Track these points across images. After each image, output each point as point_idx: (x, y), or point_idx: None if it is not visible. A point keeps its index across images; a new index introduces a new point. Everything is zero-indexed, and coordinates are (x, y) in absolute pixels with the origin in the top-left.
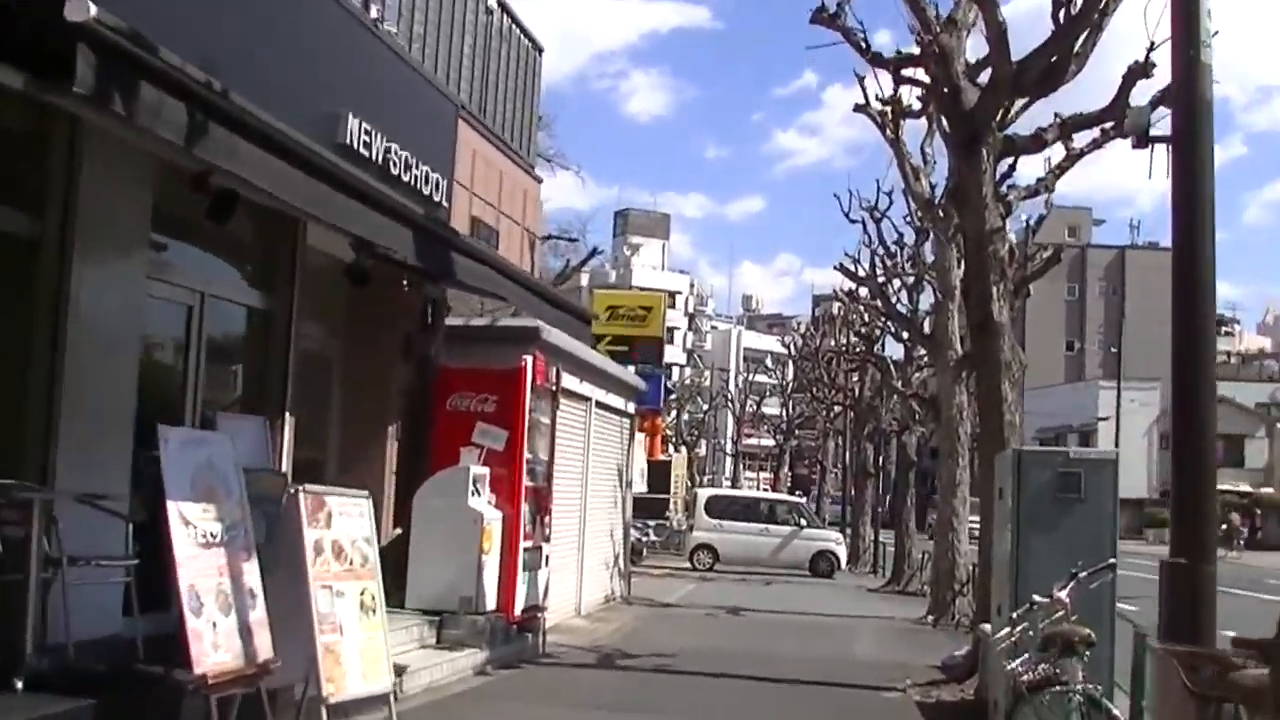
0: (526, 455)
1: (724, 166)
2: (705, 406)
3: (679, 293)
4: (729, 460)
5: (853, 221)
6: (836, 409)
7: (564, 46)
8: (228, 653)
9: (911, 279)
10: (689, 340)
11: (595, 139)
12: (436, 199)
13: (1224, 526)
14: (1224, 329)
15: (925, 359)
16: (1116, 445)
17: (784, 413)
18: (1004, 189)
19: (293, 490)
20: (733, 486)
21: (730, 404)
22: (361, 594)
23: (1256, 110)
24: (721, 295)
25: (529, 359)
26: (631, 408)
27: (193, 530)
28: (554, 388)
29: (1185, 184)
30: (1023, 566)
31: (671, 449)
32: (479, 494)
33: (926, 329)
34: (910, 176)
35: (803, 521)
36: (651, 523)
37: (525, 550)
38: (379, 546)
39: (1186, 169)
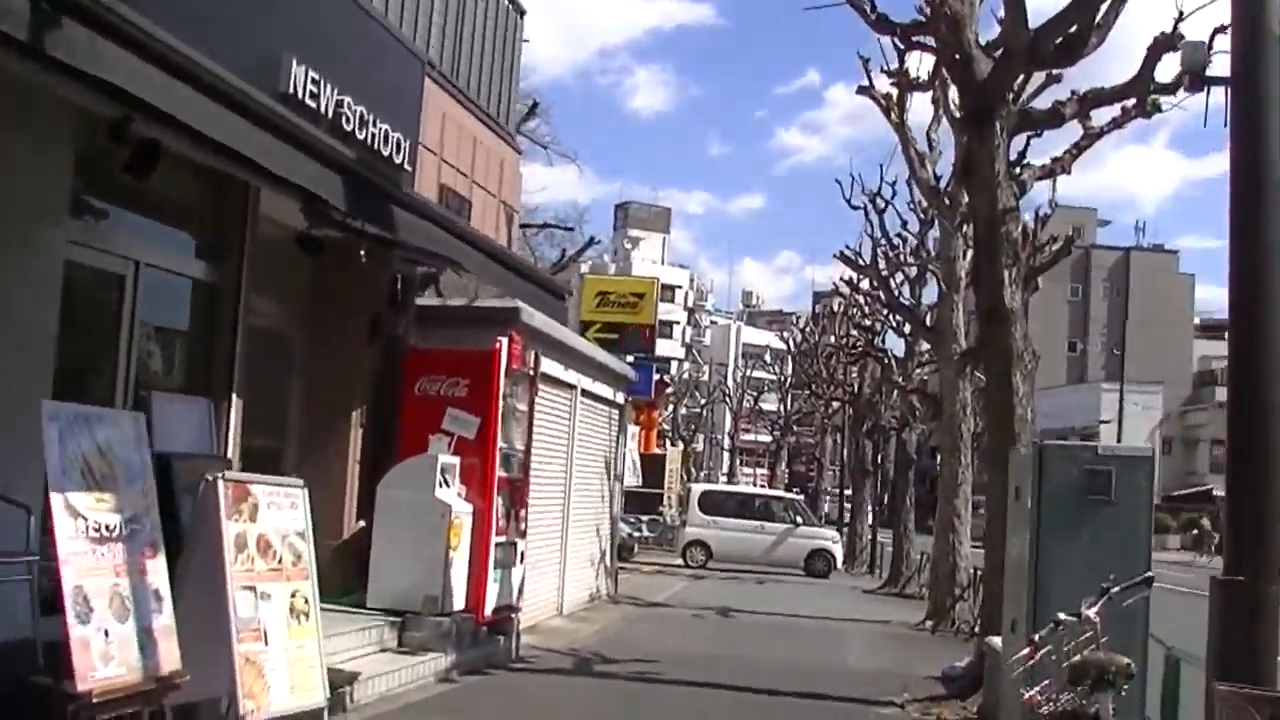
0: (500, 444)
1: (726, 163)
2: (703, 401)
3: (679, 287)
4: (726, 456)
5: (854, 208)
6: (835, 405)
7: (568, 41)
8: (122, 665)
9: (914, 271)
10: (688, 335)
11: (598, 134)
12: (398, 160)
13: (1194, 531)
14: (1224, 334)
15: (927, 355)
16: None
17: (782, 408)
18: (1017, 169)
19: (210, 477)
20: (729, 482)
21: (727, 399)
22: (292, 596)
23: None
24: (722, 292)
25: (504, 341)
26: (621, 398)
27: (82, 523)
28: (532, 372)
29: (1245, 134)
30: (1042, 577)
31: (668, 444)
32: (447, 485)
33: (929, 322)
34: (915, 162)
35: (798, 519)
36: (644, 518)
37: (498, 546)
38: (341, 540)
39: (1247, 115)
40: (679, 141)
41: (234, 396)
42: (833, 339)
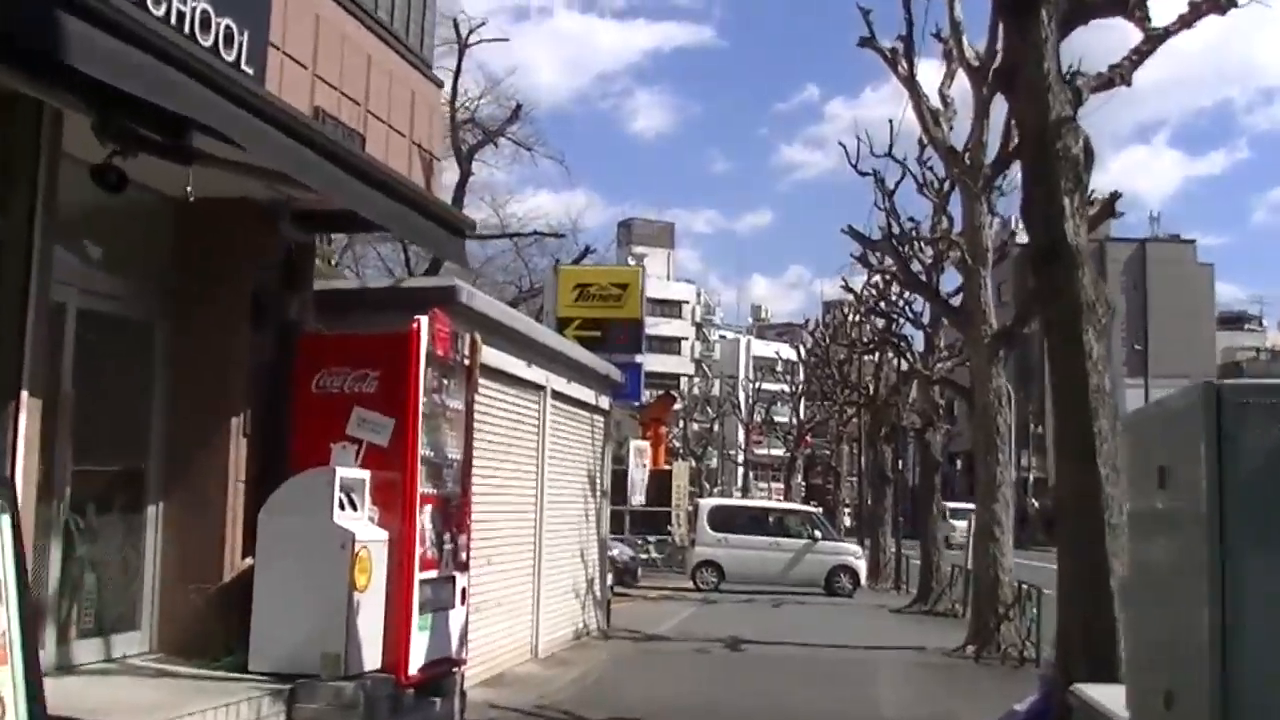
0: (425, 452)
1: (731, 181)
2: (713, 415)
3: (685, 302)
4: (740, 471)
5: (862, 174)
6: (850, 410)
7: (567, 69)
8: None
9: (930, 256)
10: (697, 350)
11: (602, 159)
12: (229, 57)
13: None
14: (1247, 325)
15: (946, 353)
16: None
17: (794, 417)
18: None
19: None
20: (744, 496)
21: (737, 411)
22: None
23: (1259, 112)
24: (732, 309)
25: (422, 320)
26: (606, 402)
27: None
28: (468, 361)
29: None
30: (1236, 623)
31: (678, 460)
32: (353, 506)
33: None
34: (928, 120)
35: (817, 534)
36: (652, 538)
37: (425, 584)
38: (220, 585)
39: None
40: (682, 162)
41: (24, 395)
42: (845, 341)
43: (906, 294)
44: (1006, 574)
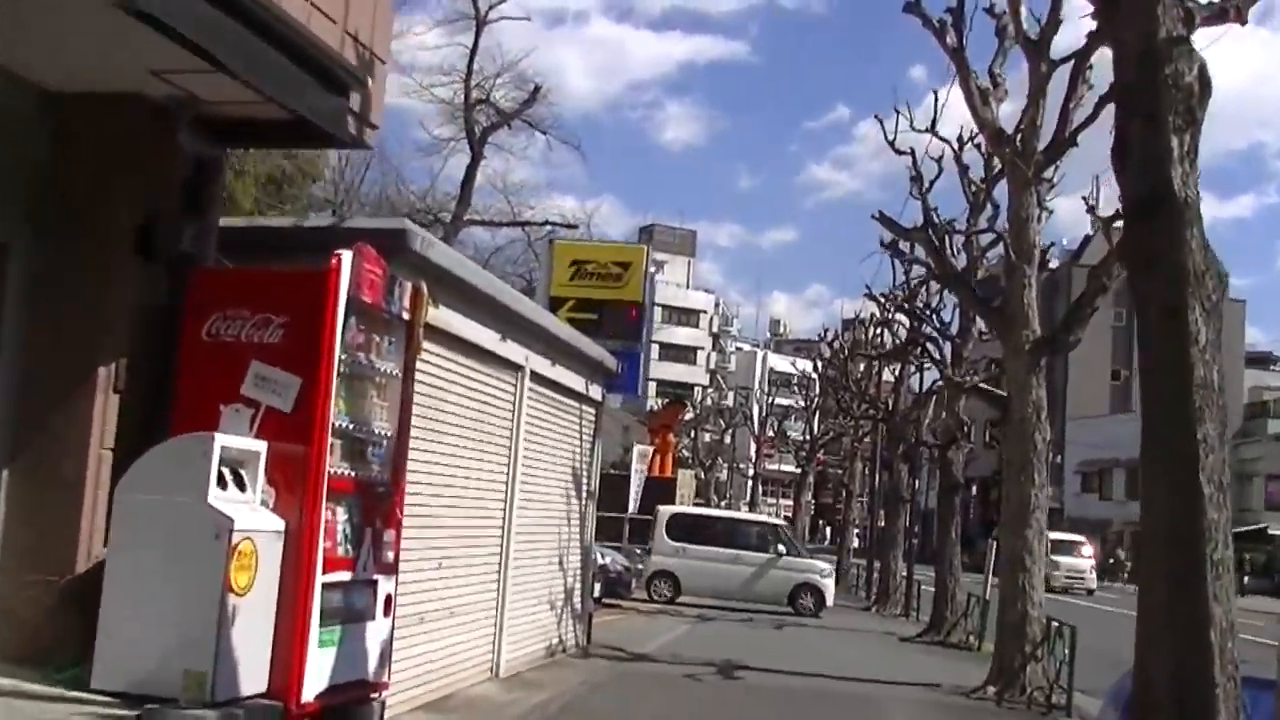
0: (341, 423)
1: (756, 197)
2: (723, 426)
3: (703, 312)
4: (749, 484)
5: (899, 152)
6: (866, 426)
7: (599, 75)
8: None
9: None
10: (712, 360)
11: (629, 167)
12: None
13: (1111, 560)
14: (1272, 366)
15: (971, 370)
16: None
17: (806, 432)
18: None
19: None
20: (751, 510)
21: (749, 422)
22: None
23: None
24: (750, 323)
25: (345, 256)
26: (598, 393)
27: None
28: (408, 316)
29: None
30: None
31: (682, 470)
32: (237, 486)
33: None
34: (976, 99)
35: (781, 548)
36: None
37: (334, 587)
38: (71, 576)
39: None
40: (708, 175)
41: None
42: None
43: (933, 302)
44: (1036, 608)
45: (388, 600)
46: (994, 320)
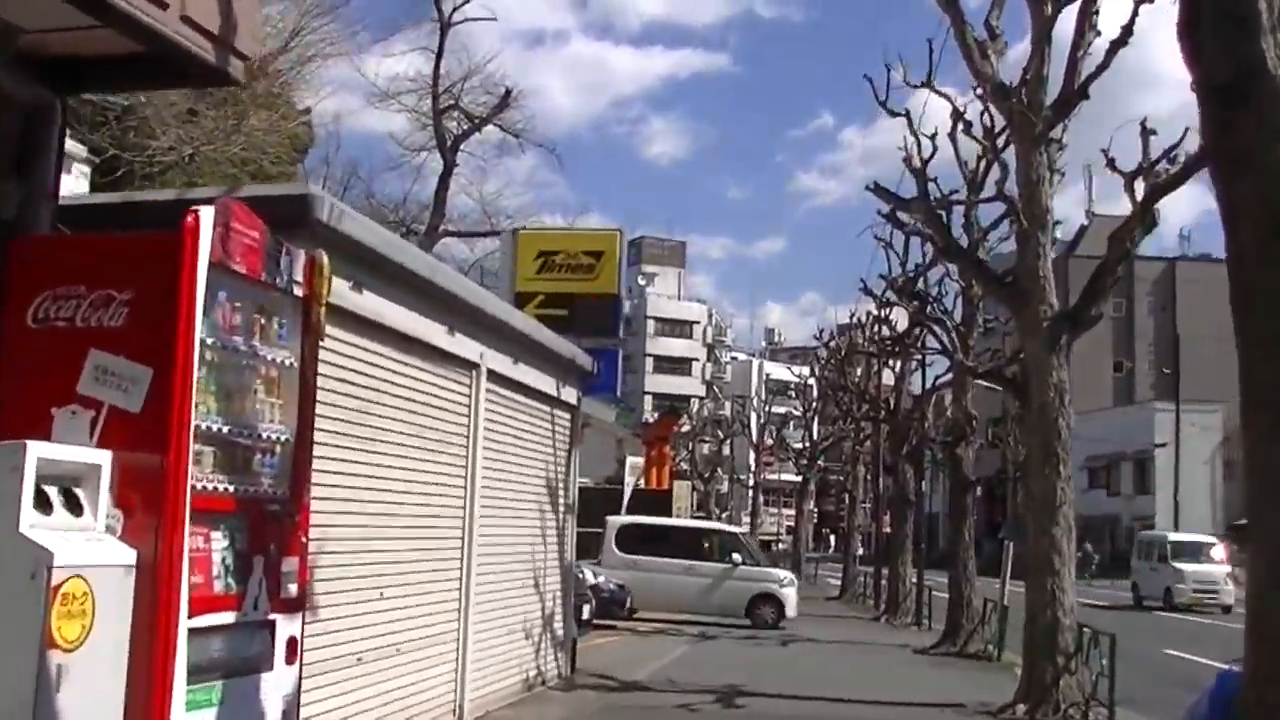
0: (211, 424)
1: (745, 207)
2: (721, 436)
3: (696, 323)
4: (749, 495)
5: (893, 114)
6: (867, 427)
7: (583, 93)
8: None
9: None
10: (708, 371)
11: (616, 184)
12: None
13: (1079, 554)
14: None
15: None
16: (1176, 475)
17: (805, 438)
18: None
19: None
20: (752, 524)
21: (747, 431)
22: None
23: None
24: (744, 334)
25: (205, 213)
26: (573, 396)
27: None
28: (303, 292)
29: None
30: None
31: (677, 481)
32: (76, 509)
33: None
34: (974, 52)
35: (737, 557)
36: None
37: (209, 633)
38: None
39: None
40: (697, 188)
41: None
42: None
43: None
44: (1068, 615)
45: (291, 644)
46: (1006, 296)
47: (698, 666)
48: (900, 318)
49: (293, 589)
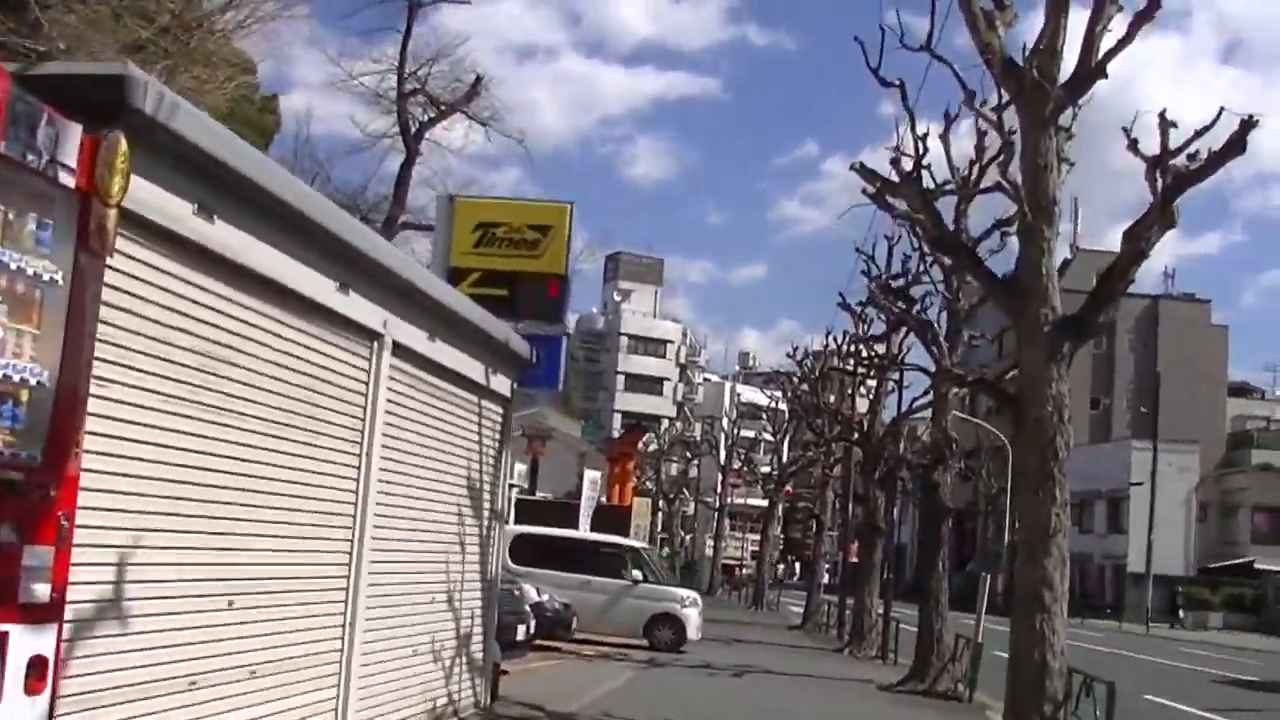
0: None
1: (727, 233)
2: (689, 457)
3: (670, 342)
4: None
5: (885, 84)
6: (838, 452)
7: (572, 109)
8: None
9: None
10: (680, 392)
11: (599, 202)
12: None
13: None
14: (1254, 394)
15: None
16: (1152, 514)
17: (774, 459)
18: None
19: None
20: (715, 546)
21: (714, 451)
22: None
23: (1253, 195)
24: (719, 359)
25: None
26: (506, 386)
27: None
28: (78, 182)
29: None
30: None
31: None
32: None
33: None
34: (980, 22)
35: (637, 573)
36: None
37: None
38: None
39: None
40: (680, 211)
41: None
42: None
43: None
44: (1057, 657)
45: (37, 666)
46: (1003, 296)
47: (640, 698)
48: (879, 334)
49: (40, 590)
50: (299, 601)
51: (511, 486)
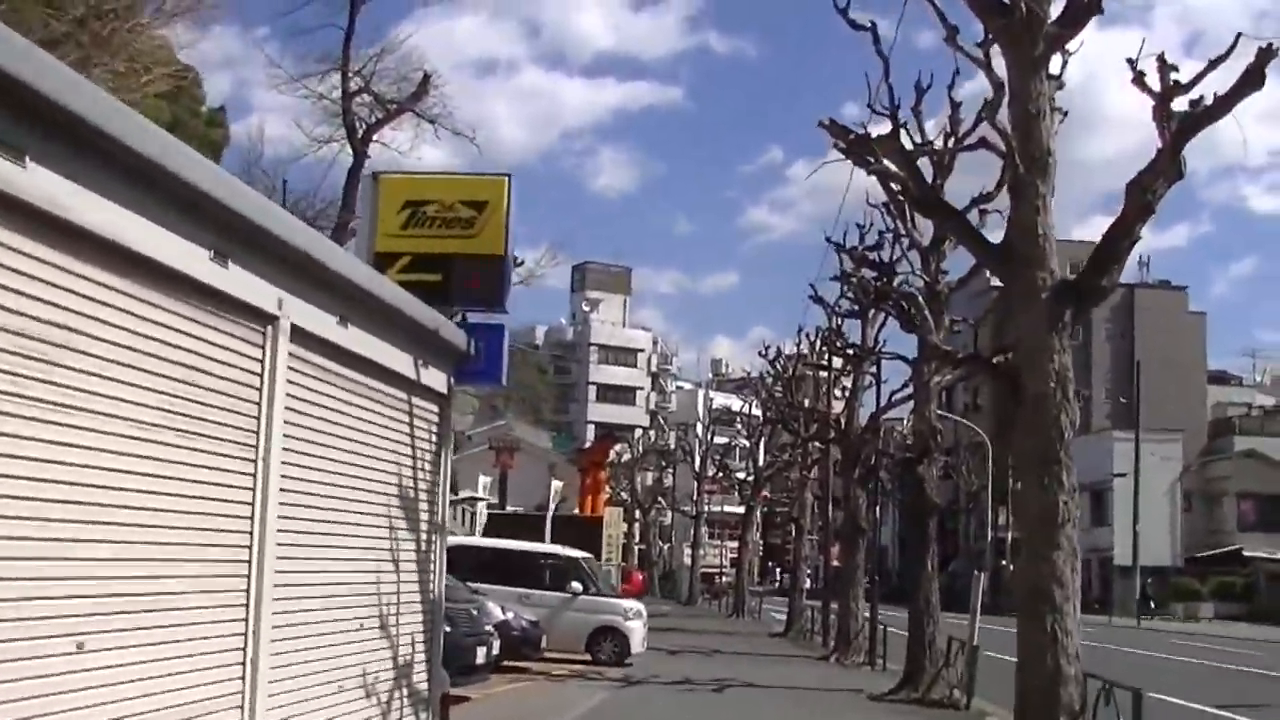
0: None
1: (696, 242)
2: (664, 465)
3: (641, 351)
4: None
5: (856, 27)
6: (815, 453)
7: (533, 125)
8: None
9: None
10: (652, 400)
11: (564, 216)
12: None
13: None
14: (1233, 381)
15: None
16: (1136, 505)
17: (750, 467)
18: None
19: None
20: (693, 555)
21: (689, 459)
22: None
23: (1219, 185)
24: (691, 367)
25: None
26: (442, 382)
27: None
28: None
29: None
30: None
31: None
32: None
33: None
34: None
35: (577, 585)
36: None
37: None
38: None
39: None
40: (647, 222)
41: None
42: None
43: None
44: (1072, 662)
45: None
46: (994, 261)
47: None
48: (854, 333)
49: None
50: (175, 639)
51: (479, 500)
